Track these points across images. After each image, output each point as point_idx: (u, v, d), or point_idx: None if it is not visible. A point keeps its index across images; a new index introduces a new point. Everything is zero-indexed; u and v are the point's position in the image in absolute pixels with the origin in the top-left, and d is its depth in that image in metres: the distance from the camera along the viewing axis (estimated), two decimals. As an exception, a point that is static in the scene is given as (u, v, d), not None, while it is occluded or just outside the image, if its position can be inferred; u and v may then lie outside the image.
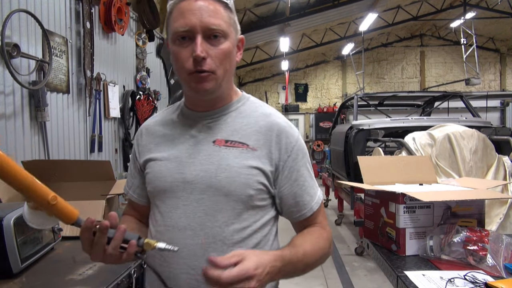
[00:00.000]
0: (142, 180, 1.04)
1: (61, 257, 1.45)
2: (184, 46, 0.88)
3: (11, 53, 1.99)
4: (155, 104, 4.08)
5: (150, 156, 1.00)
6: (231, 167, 0.91)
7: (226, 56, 0.90)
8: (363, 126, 4.19)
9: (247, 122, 0.97)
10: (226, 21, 0.90)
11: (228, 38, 0.90)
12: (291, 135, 0.97)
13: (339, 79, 14.55)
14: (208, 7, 0.87)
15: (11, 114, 2.12)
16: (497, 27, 12.39)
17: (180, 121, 1.01)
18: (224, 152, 0.93)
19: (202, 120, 0.98)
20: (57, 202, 0.70)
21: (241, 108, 1.00)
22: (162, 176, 0.95)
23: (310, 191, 0.98)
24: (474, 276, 1.19)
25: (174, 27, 0.89)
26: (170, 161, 0.96)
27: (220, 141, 0.94)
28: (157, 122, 1.05)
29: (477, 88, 12.04)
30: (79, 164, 2.34)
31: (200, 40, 0.86)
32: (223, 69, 0.90)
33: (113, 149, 3.46)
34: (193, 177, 0.92)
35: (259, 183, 0.92)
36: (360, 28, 10.15)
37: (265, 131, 0.95)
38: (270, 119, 0.98)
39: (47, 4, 2.47)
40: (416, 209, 1.46)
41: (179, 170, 0.94)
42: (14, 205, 1.35)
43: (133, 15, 3.91)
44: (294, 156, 0.96)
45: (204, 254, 0.89)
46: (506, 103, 10.86)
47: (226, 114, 0.98)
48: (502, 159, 2.90)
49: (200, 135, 0.97)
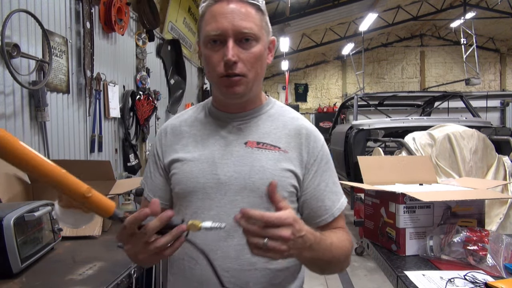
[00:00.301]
0: (165, 181, 1.02)
1: (61, 257, 1.45)
2: (216, 50, 0.88)
3: (11, 53, 1.99)
4: (155, 104, 4.08)
5: (177, 156, 0.98)
6: (265, 168, 0.91)
7: (257, 59, 0.89)
8: (363, 126, 4.19)
9: (276, 126, 0.97)
10: (258, 24, 0.89)
11: (259, 41, 0.89)
12: (318, 140, 0.98)
13: (339, 79, 14.55)
14: (240, 10, 0.87)
15: (11, 114, 2.12)
16: (497, 27, 12.39)
17: (209, 121, 1.00)
18: (256, 153, 0.93)
19: (232, 122, 0.97)
20: (92, 194, 0.67)
21: (270, 111, 1.00)
22: (194, 177, 0.93)
23: (332, 196, 0.97)
24: (474, 276, 1.19)
25: (206, 30, 0.89)
26: (201, 161, 0.94)
27: (252, 143, 0.94)
28: (183, 122, 1.03)
29: (477, 88, 12.04)
30: (79, 164, 2.34)
31: (232, 44, 0.86)
32: (254, 72, 0.90)
33: (113, 149, 3.46)
34: (227, 178, 0.91)
35: (291, 185, 0.93)
36: (360, 28, 10.15)
37: (294, 134, 0.96)
38: (298, 122, 0.99)
39: (47, 4, 2.47)
40: (416, 209, 1.46)
41: (212, 171, 0.93)
42: (14, 205, 1.35)
43: (133, 15, 3.91)
44: (319, 160, 0.96)
45: (237, 256, 0.89)
46: (506, 103, 10.86)
47: (257, 116, 0.98)
48: (502, 159, 2.90)
49: (230, 136, 0.96)
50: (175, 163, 0.97)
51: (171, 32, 5.15)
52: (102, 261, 1.38)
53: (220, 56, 0.87)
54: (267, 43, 0.94)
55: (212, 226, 0.73)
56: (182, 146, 0.99)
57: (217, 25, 0.86)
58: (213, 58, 0.89)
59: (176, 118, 1.07)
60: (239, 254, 0.89)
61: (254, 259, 0.89)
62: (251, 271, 0.90)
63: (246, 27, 0.86)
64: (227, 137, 0.96)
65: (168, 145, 1.01)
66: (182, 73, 5.44)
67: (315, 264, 0.85)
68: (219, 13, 0.87)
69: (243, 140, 0.95)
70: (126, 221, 0.71)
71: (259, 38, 0.89)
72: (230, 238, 0.89)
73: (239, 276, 0.89)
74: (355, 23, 11.07)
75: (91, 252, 1.49)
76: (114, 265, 1.34)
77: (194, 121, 1.02)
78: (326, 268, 0.89)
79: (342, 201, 0.99)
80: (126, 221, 0.71)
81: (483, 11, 10.65)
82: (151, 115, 4.05)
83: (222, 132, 0.97)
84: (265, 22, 0.92)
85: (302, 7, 8.48)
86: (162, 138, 1.03)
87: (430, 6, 10.94)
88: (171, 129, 1.03)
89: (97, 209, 0.70)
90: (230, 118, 0.98)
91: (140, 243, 0.71)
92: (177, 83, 5.35)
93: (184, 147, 0.98)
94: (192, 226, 0.72)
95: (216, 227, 0.73)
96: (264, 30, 0.92)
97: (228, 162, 0.93)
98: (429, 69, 14.32)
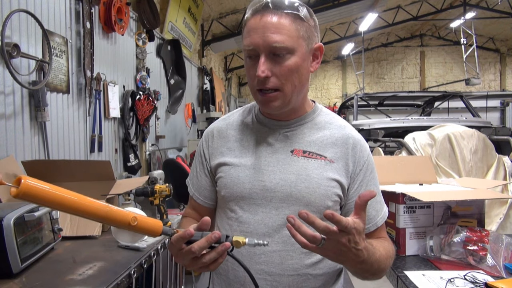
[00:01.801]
0: (210, 183, 1.04)
1: (61, 257, 1.45)
2: (252, 64, 0.89)
3: (11, 53, 1.99)
4: (155, 104, 4.08)
5: (224, 160, 0.99)
6: (311, 177, 0.92)
7: (292, 72, 0.88)
8: (363, 126, 4.19)
9: (323, 134, 0.98)
10: (293, 35, 0.86)
11: (295, 53, 0.87)
12: (365, 149, 0.99)
13: (339, 79, 14.55)
14: (272, 23, 0.85)
15: (11, 114, 2.11)
16: (497, 27, 12.39)
17: (255, 127, 1.01)
18: (302, 162, 0.94)
19: (279, 129, 0.98)
20: (138, 221, 0.71)
21: (317, 119, 1.00)
22: (240, 182, 0.95)
23: (376, 206, 0.97)
24: (474, 276, 1.19)
25: (243, 44, 0.90)
26: (247, 167, 0.96)
27: (298, 151, 0.95)
28: (230, 125, 1.04)
29: (477, 88, 12.04)
30: (79, 164, 2.34)
31: (263, 59, 0.86)
32: (290, 85, 0.89)
33: (113, 149, 3.45)
34: (273, 186, 0.93)
35: (336, 195, 0.93)
36: (360, 28, 10.15)
37: (341, 143, 0.97)
38: (345, 131, 0.99)
39: (47, 4, 2.46)
40: (416, 209, 1.46)
41: (258, 178, 0.94)
42: (14, 205, 1.35)
43: (133, 15, 3.91)
44: (365, 170, 0.97)
45: (281, 262, 0.91)
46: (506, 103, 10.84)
47: (303, 124, 0.99)
48: (502, 159, 2.90)
49: (277, 143, 0.97)
50: (222, 166, 0.99)
51: (171, 32, 5.15)
52: (102, 261, 1.38)
53: (255, 70, 0.88)
54: (308, 52, 0.91)
55: (256, 243, 0.76)
56: (229, 150, 1.00)
57: (250, 40, 0.87)
58: (250, 71, 0.91)
59: (222, 120, 1.08)
60: (282, 260, 0.91)
61: (297, 265, 0.91)
62: (293, 276, 0.92)
63: (277, 40, 0.85)
64: (273, 144, 0.97)
65: (215, 148, 1.02)
66: (182, 73, 5.44)
67: (359, 274, 0.86)
68: (253, 28, 0.87)
69: (289, 148, 0.96)
70: (172, 239, 0.75)
71: (294, 49, 0.87)
72: (275, 244, 0.92)
73: (280, 281, 0.92)
74: (355, 23, 11.07)
75: (91, 252, 1.49)
76: (114, 265, 1.34)
77: (241, 125, 1.03)
78: (370, 277, 0.88)
79: (385, 211, 1.00)
80: (172, 238, 0.75)
81: (483, 11, 10.64)
82: (151, 115, 4.05)
83: (269, 139, 0.98)
84: (303, 30, 0.89)
85: (302, 7, 8.46)
86: (209, 140, 1.05)
87: (430, 6, 10.94)
88: (218, 131, 1.04)
89: (145, 232, 0.74)
90: (277, 126, 0.98)
91: (188, 258, 0.75)
92: (177, 83, 5.34)
93: (231, 151, 1.00)
94: (237, 242, 0.75)
95: (260, 243, 0.76)
96: (303, 40, 0.89)
97: (274, 169, 0.94)
98: (429, 69, 14.31)
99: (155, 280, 1.57)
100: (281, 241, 0.91)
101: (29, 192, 0.60)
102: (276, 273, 0.92)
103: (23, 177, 0.60)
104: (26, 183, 0.60)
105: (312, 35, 0.92)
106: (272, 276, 0.92)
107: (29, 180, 0.60)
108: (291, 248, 0.91)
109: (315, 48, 0.93)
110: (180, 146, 5.53)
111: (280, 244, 0.91)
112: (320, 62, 0.97)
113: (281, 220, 0.92)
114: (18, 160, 2.01)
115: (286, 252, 0.91)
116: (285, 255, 0.91)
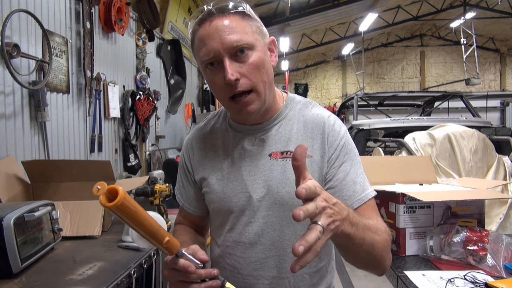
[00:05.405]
0: (198, 192, 1.04)
1: (61, 257, 1.45)
2: (216, 73, 0.86)
3: (11, 53, 1.99)
4: (155, 104, 4.08)
5: (207, 175, 0.99)
6: (290, 181, 0.90)
7: (259, 68, 0.86)
8: (363, 126, 4.19)
9: (297, 128, 0.95)
10: (247, 31, 0.85)
11: (255, 48, 0.86)
12: (338, 133, 0.94)
13: (339, 79, 14.55)
14: (224, 25, 0.83)
15: (11, 114, 2.11)
16: (497, 27, 12.39)
17: (231, 135, 0.99)
18: (281, 165, 0.92)
19: (255, 133, 0.96)
20: (169, 244, 0.72)
21: (290, 114, 0.98)
22: (226, 197, 0.95)
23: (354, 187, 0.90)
24: (474, 276, 1.19)
25: (200, 56, 0.87)
26: (231, 180, 0.95)
27: (276, 154, 0.94)
28: (207, 135, 1.03)
29: (477, 88, 12.05)
30: (79, 164, 2.34)
31: (228, 63, 0.83)
32: (261, 82, 0.87)
33: (113, 149, 3.45)
34: (258, 196, 0.93)
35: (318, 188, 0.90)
36: (360, 28, 10.15)
37: (317, 133, 0.93)
38: (318, 118, 0.95)
39: (47, 4, 2.46)
40: (416, 209, 1.46)
41: (243, 189, 0.94)
42: (14, 205, 1.35)
43: (133, 15, 3.91)
44: (338, 152, 0.92)
45: (276, 265, 0.93)
46: (506, 103, 10.85)
47: (277, 123, 0.96)
48: (502, 159, 2.89)
49: (254, 149, 0.95)
50: (206, 181, 0.99)
51: (171, 32, 5.15)
52: (102, 261, 1.38)
53: (221, 78, 0.84)
54: (265, 46, 0.90)
55: None
56: (210, 161, 1.00)
57: (207, 48, 0.84)
58: (216, 82, 0.87)
59: (200, 130, 1.06)
60: (277, 264, 0.93)
61: None
62: (290, 278, 0.94)
63: (236, 40, 0.83)
64: (251, 151, 0.95)
65: (197, 161, 1.02)
66: (182, 73, 5.44)
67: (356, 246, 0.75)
68: (206, 36, 0.84)
69: (267, 152, 0.94)
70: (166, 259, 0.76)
71: (254, 45, 0.86)
72: (267, 250, 0.93)
73: (278, 283, 0.94)
74: (355, 23, 11.08)
75: (91, 252, 1.49)
76: (114, 265, 1.34)
77: (218, 133, 1.02)
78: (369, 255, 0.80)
79: (368, 192, 0.91)
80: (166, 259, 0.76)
81: (483, 11, 10.65)
82: (151, 115, 4.05)
83: (246, 146, 0.96)
84: (256, 26, 0.88)
85: (302, 7, 8.48)
86: (189, 152, 1.04)
87: (430, 6, 10.95)
88: (197, 143, 1.04)
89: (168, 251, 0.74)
90: (252, 130, 0.97)
91: (176, 279, 0.76)
92: (177, 83, 5.34)
93: (212, 162, 0.99)
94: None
95: None
96: (258, 35, 0.88)
97: (256, 178, 0.93)
98: (429, 69, 14.32)
99: (155, 280, 1.57)
100: (273, 247, 0.93)
101: (122, 208, 0.60)
102: (272, 275, 0.94)
103: (119, 190, 0.59)
104: (123, 202, 0.59)
105: (263, 29, 0.92)
106: (269, 279, 0.94)
107: (125, 197, 0.59)
108: (283, 252, 0.93)
109: (268, 42, 0.93)
110: (180, 146, 5.53)
111: (273, 250, 0.93)
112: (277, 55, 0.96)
113: (270, 228, 0.92)
114: (18, 160, 2.01)
115: (280, 256, 0.93)
116: (279, 259, 0.93)
